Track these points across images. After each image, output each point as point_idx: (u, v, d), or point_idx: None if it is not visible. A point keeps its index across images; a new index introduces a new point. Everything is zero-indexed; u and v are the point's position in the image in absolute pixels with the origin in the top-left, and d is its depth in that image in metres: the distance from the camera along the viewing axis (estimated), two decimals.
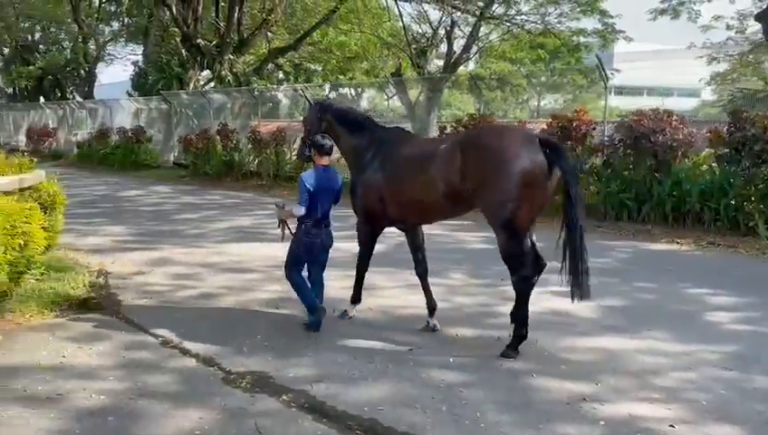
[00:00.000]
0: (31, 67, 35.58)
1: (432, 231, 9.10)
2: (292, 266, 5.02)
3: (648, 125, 9.23)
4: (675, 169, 9.25)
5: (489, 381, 4.09)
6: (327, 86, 24.83)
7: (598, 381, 4.11)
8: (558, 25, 21.56)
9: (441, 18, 18.96)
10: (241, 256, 7.68)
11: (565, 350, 4.66)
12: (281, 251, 7.94)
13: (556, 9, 20.71)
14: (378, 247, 5.53)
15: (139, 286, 6.35)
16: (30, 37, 38.62)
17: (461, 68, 20.72)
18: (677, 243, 8.57)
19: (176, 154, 20.90)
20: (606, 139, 10.11)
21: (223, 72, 22.66)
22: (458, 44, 21.07)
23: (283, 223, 5.17)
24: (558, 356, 4.53)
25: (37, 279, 5.95)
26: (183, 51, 25.17)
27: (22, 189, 5.60)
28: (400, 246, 7.92)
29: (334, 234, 5.14)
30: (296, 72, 31.73)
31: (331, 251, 5.18)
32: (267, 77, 27.88)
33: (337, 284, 6.04)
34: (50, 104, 30.94)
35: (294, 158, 15.81)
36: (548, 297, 5.83)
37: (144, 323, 5.16)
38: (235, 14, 22.19)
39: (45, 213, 6.00)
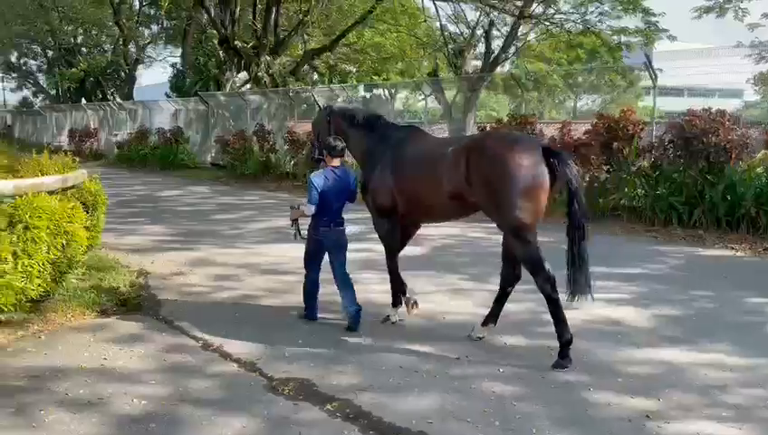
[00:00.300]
0: (73, 69, 36.45)
1: (473, 234, 8.96)
2: (308, 265, 5.20)
3: (700, 125, 8.83)
4: (728, 171, 8.83)
5: (543, 395, 3.87)
6: (361, 87, 24.73)
7: (660, 396, 3.86)
8: (598, 24, 21.05)
9: (479, 18, 18.69)
10: (278, 258, 7.58)
11: (622, 362, 4.41)
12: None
13: (597, 8, 20.22)
14: (419, 250, 5.35)
15: (178, 287, 6.31)
16: (73, 40, 39.56)
17: (497, 68, 20.38)
18: (732, 249, 8.16)
19: (213, 155, 21.06)
20: (655, 140, 9.72)
21: (259, 74, 22.75)
22: (496, 44, 20.80)
23: (295, 222, 5.27)
24: (614, 369, 4.28)
25: (79, 279, 5.93)
26: (220, 52, 25.42)
27: (65, 189, 5.58)
28: (442, 249, 7.75)
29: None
30: (331, 74, 31.77)
31: (371, 253, 5.04)
32: (302, 78, 27.96)
33: (377, 287, 5.90)
34: (91, 105, 31.60)
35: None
36: (601, 305, 5.57)
37: (184, 326, 5.09)
38: (272, 16, 22.26)
39: (87, 212, 5.99)
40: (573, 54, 28.34)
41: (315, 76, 31.42)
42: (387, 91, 38.81)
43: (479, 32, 19.37)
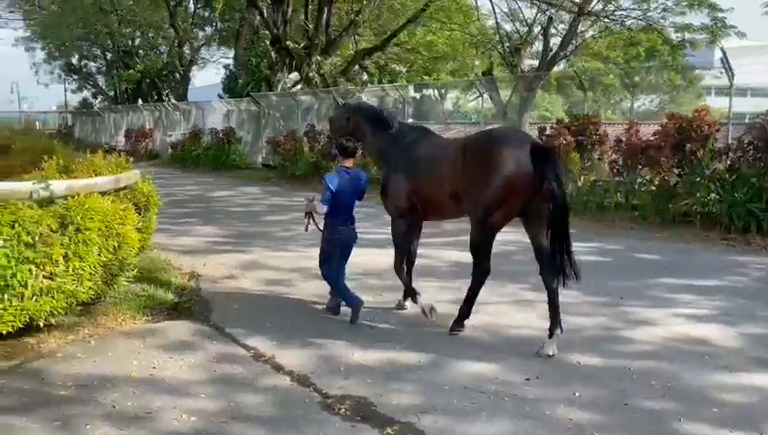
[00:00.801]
0: (130, 71, 37.40)
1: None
2: (324, 263, 5.30)
3: None
4: None
5: (627, 424, 3.47)
6: (411, 87, 24.44)
7: (762, 430, 3.41)
8: (661, 21, 20.10)
9: (536, 15, 18.11)
10: None
11: (713, 388, 3.95)
12: (371, 257, 7.64)
13: (660, 3, 19.30)
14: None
15: (229, 291, 6.13)
16: (131, 42, 40.65)
17: (554, 67, 19.72)
18: None
19: (264, 155, 21.13)
20: (732, 141, 9.06)
21: (310, 74, 22.73)
22: (553, 42, 20.08)
23: (309, 215, 5.32)
24: (706, 396, 3.83)
25: (130, 281, 5.82)
26: (272, 53, 25.56)
27: (117, 190, 5.47)
28: (500, 256, 7.33)
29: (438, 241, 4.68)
30: (381, 74, 31.63)
31: (430, 261, 4.75)
32: (352, 79, 27.87)
33: (439, 296, 5.60)
34: (147, 106, 32.34)
35: None
36: (681, 321, 5.10)
37: (235, 333, 4.88)
38: (324, 16, 22.21)
39: (139, 214, 5.87)
40: (631, 53, 27.31)
41: (365, 77, 31.31)
42: (437, 92, 38.47)
43: (536, 29, 18.77)
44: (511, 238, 8.65)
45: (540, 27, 18.35)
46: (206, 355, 4.43)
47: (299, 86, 24.44)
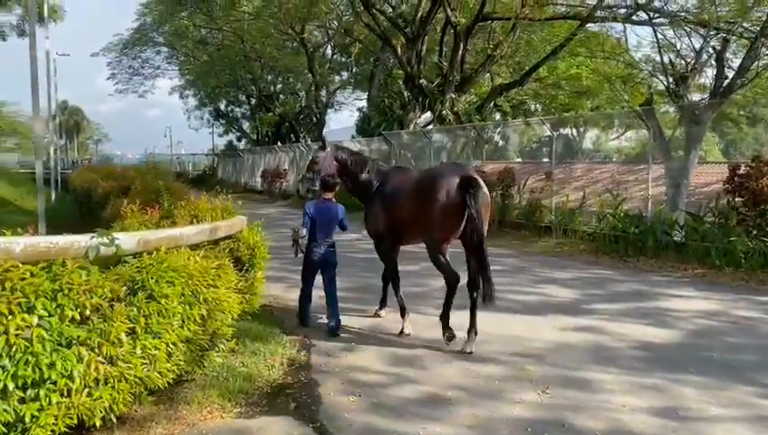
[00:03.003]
0: (270, 114, 38.86)
1: (742, 312, 6.40)
2: (303, 279, 6.20)
3: None
4: None
5: None
6: (547, 124, 22.65)
7: None
8: None
9: (705, 40, 15.74)
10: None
11: None
12: (528, 325, 6.06)
13: None
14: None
15: (346, 371, 4.84)
16: (272, 88, 42.46)
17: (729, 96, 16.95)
18: None
19: None
20: None
21: (443, 112, 21.69)
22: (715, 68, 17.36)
23: (295, 242, 6.03)
24: None
25: (226, 354, 4.73)
26: (405, 92, 24.95)
27: (214, 241, 4.44)
28: (703, 335, 5.38)
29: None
30: (515, 113, 30.08)
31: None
32: (486, 118, 26.57)
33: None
34: (282, 147, 33.06)
35: (521, 201, 13.86)
36: None
37: None
38: (459, 52, 21.16)
39: (242, 270, 4.82)
40: None
41: (498, 116, 29.87)
42: (575, 131, 35.78)
43: (705, 55, 16.30)
44: (709, 308, 6.78)
45: (711, 52, 15.88)
46: None
47: (431, 126, 23.49)
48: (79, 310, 3.01)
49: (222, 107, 49.15)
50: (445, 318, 5.50)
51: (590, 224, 12.18)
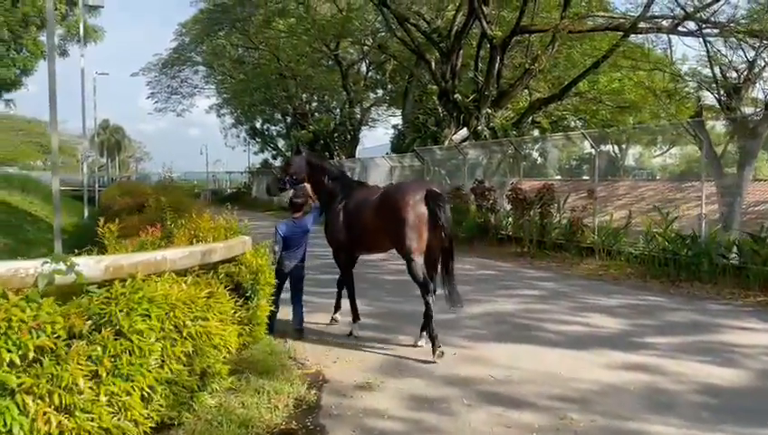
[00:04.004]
0: (304, 132, 38.83)
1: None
2: (276, 291, 5.86)
3: None
4: None
5: None
6: (587, 142, 21.75)
7: None
8: None
9: (757, 51, 14.78)
10: (508, 369, 5.18)
11: None
12: (570, 361, 5.38)
13: None
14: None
15: (360, 415, 4.22)
16: (307, 106, 42.50)
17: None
18: None
19: None
20: None
21: (479, 128, 21.02)
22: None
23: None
24: None
25: (222, 393, 4.17)
26: (439, 108, 24.40)
27: (207, 266, 3.90)
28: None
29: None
30: (554, 129, 29.21)
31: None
32: (524, 134, 25.80)
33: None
34: None
35: (561, 220, 13.05)
36: None
37: None
38: (496, 66, 20.51)
39: (243, 298, 4.27)
40: None
41: (536, 132, 29.05)
42: (616, 148, 34.58)
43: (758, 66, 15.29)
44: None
45: (764, 63, 14.88)
46: None
47: (466, 142, 22.85)
48: (21, 351, 2.48)
49: (258, 125, 49.49)
50: (425, 328, 5.70)
51: (636, 245, 11.32)
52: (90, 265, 2.87)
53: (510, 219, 14.21)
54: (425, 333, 5.78)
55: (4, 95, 34.62)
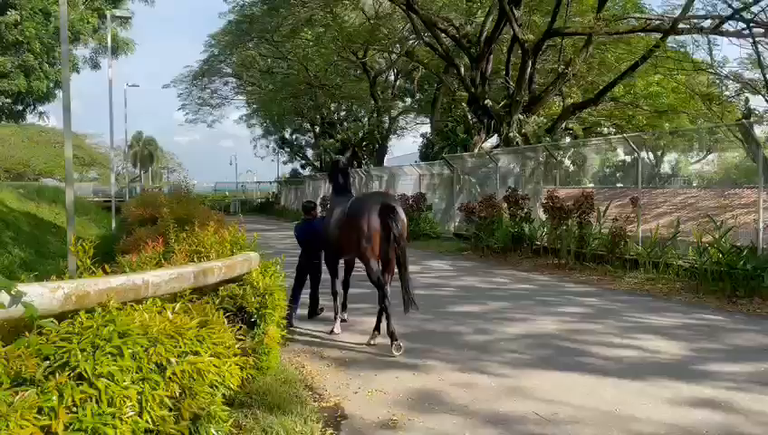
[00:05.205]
0: (331, 140, 38.48)
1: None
2: (295, 284, 7.48)
3: None
4: None
5: None
6: (621, 148, 20.88)
7: None
8: None
9: None
10: (555, 404, 4.50)
11: None
12: (626, 395, 4.67)
13: None
14: None
15: None
16: (336, 115, 42.22)
17: None
18: None
19: (456, 223, 18.90)
20: None
21: (510, 134, 20.27)
22: None
23: None
24: None
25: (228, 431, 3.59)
26: (469, 115, 23.73)
27: (205, 288, 3.34)
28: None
29: None
30: (587, 136, 28.26)
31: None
32: (557, 141, 24.95)
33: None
34: None
35: (601, 230, 12.23)
36: None
37: None
38: (527, 70, 19.78)
39: (247, 326, 3.69)
40: None
41: (567, 139, 28.14)
42: (651, 154, 33.61)
43: None
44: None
45: None
46: None
47: (498, 149, 22.11)
48: None
49: (287, 135, 49.47)
50: (383, 330, 6.28)
51: (685, 257, 10.47)
52: (43, 295, 2.33)
53: (545, 229, 13.43)
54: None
55: (38, 108, 35.05)
